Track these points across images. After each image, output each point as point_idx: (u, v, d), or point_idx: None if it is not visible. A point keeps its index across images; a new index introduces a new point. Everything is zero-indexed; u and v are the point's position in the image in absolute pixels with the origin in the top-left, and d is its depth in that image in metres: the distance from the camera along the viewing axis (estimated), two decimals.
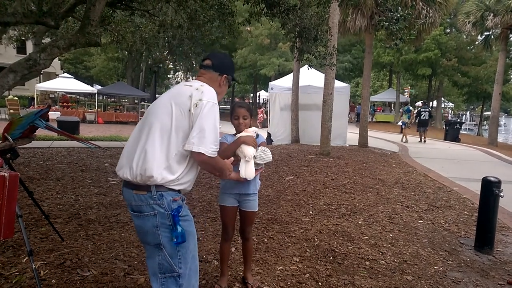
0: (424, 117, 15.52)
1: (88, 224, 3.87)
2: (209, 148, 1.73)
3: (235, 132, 2.57)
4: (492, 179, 3.81)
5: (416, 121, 16.30)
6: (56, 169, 6.36)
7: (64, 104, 20.58)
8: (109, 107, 23.68)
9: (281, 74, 23.88)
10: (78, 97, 26.83)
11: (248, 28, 24.51)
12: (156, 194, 1.74)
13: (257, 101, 44.06)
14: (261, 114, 21.13)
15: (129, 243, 3.44)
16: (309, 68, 10.11)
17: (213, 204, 4.85)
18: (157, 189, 1.75)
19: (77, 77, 28.88)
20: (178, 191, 1.83)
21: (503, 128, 44.46)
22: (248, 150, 2.29)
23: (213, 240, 3.63)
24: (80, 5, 5.37)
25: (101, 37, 5.01)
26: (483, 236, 3.82)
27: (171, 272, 1.77)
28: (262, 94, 41.63)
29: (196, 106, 1.75)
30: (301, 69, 12.54)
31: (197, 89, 1.81)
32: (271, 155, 2.41)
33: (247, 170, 2.26)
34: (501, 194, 3.77)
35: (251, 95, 49.24)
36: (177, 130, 1.75)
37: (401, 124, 16.72)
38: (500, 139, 23.05)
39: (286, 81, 13.74)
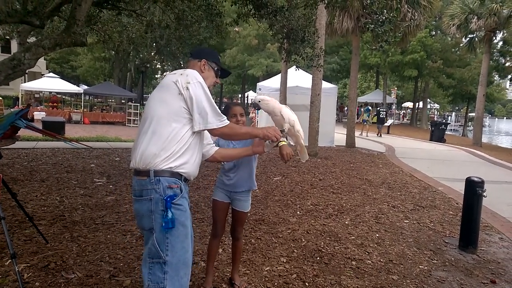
0: (382, 116, 18.89)
1: (73, 226, 3.81)
2: (217, 120, 1.90)
3: None
4: (475, 179, 3.88)
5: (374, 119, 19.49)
6: (41, 170, 6.25)
7: (54, 104, 20.25)
8: (95, 107, 23.35)
9: (269, 74, 23.93)
10: (64, 97, 26.39)
11: (236, 29, 24.51)
12: (154, 179, 1.82)
13: (245, 101, 44.07)
14: (254, 114, 21.19)
15: (114, 245, 3.41)
16: (297, 69, 10.16)
17: (200, 205, 4.83)
18: (155, 174, 1.83)
19: (63, 77, 28.44)
20: (178, 177, 1.87)
21: (487, 129, 45.44)
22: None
23: (200, 241, 3.62)
24: (66, 4, 5.29)
25: (87, 36, 4.95)
26: (467, 236, 3.89)
27: (158, 258, 1.80)
28: (251, 95, 41.65)
29: (187, 89, 1.86)
30: (289, 70, 12.59)
31: (181, 74, 1.92)
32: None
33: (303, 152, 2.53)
34: (484, 194, 3.85)
35: (239, 95, 49.22)
36: (169, 114, 1.86)
37: (362, 121, 19.26)
38: (484, 139, 23.51)
39: (274, 82, 13.78)
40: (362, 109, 23.87)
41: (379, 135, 18.37)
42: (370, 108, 21.26)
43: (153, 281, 1.80)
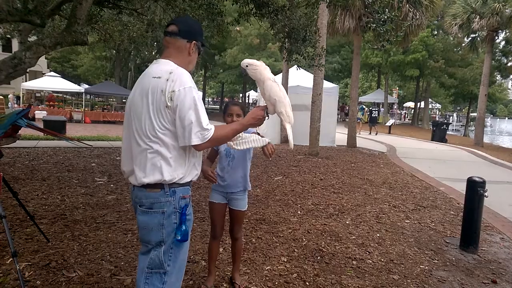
0: (374, 115, 19.63)
1: (74, 225, 3.81)
2: (200, 135, 1.68)
3: None
4: (477, 179, 3.87)
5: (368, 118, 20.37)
6: (42, 169, 6.26)
7: (50, 103, 20.26)
8: (96, 106, 23.40)
9: None
10: (65, 96, 26.44)
11: (237, 28, 24.49)
12: (169, 191, 1.73)
13: (247, 101, 44.07)
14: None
15: (115, 243, 3.41)
16: (298, 69, 10.15)
17: (201, 204, 4.83)
18: (170, 186, 1.74)
19: (64, 76, 28.43)
20: (188, 185, 1.81)
21: (489, 129, 45.31)
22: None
23: (201, 240, 3.62)
24: (67, 3, 5.29)
25: (88, 35, 4.94)
26: (468, 236, 3.88)
27: (159, 269, 1.75)
28: (252, 94, 41.66)
29: (171, 99, 1.67)
30: (290, 70, 12.58)
31: (167, 80, 1.69)
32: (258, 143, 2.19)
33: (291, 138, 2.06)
34: (486, 194, 3.83)
35: (241, 95, 49.18)
36: (160, 129, 1.70)
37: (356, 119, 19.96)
38: (486, 139, 23.45)
39: None
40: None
41: (370, 133, 19.27)
42: (364, 107, 22.54)
43: None
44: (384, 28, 6.91)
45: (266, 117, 1.93)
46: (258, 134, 2.20)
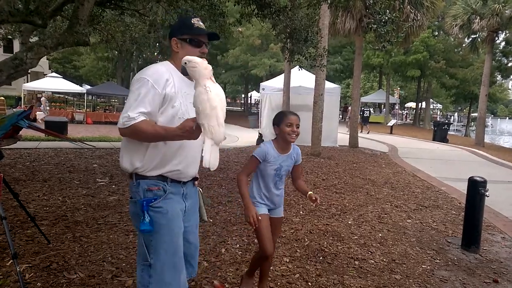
0: (366, 115, 21.21)
1: (76, 226, 3.81)
2: (122, 119, 1.68)
3: (275, 137, 2.48)
4: (478, 179, 3.86)
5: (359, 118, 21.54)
6: (43, 170, 6.26)
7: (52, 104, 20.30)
8: (98, 107, 23.42)
9: (272, 74, 23.92)
10: (66, 97, 26.49)
11: (239, 29, 24.49)
12: (135, 182, 1.83)
13: (249, 101, 44.08)
14: None
15: (117, 245, 3.40)
16: (300, 69, 10.14)
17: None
18: (136, 178, 1.83)
19: (66, 76, 28.48)
20: (160, 179, 1.82)
21: (490, 129, 45.21)
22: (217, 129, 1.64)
23: (203, 241, 3.60)
24: (69, 4, 5.30)
25: (90, 36, 4.95)
26: (470, 235, 3.87)
27: (145, 261, 1.82)
28: (254, 95, 41.66)
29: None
30: (292, 70, 12.57)
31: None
32: None
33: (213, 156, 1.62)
34: (487, 193, 3.83)
35: (243, 95, 49.21)
36: None
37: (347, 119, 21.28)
38: (487, 139, 23.41)
39: (277, 82, 13.76)
40: (349, 108, 26.40)
41: (361, 131, 19.48)
42: (362, 108, 23.39)
43: (141, 283, 1.82)
44: (385, 29, 6.90)
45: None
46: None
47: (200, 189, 2.22)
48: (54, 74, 24.68)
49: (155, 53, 24.22)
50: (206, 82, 1.66)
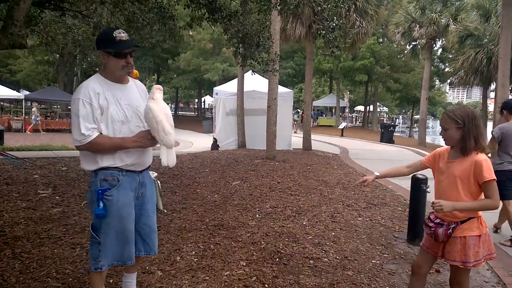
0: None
1: (15, 242, 3.52)
2: (75, 141, 2.07)
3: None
4: (420, 176, 4.05)
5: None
6: None
7: None
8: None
9: (226, 79, 23.91)
10: (2, 103, 24.60)
11: (190, 33, 24.24)
12: (94, 173, 2.17)
13: (202, 106, 43.66)
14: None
15: (62, 259, 3.19)
16: (253, 74, 10.22)
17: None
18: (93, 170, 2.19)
19: (1, 81, 26.50)
20: (115, 170, 2.16)
21: (431, 130, 48.41)
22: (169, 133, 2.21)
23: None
24: (2, 3, 4.93)
25: (27, 38, 4.63)
26: (414, 230, 4.08)
27: (93, 238, 2.19)
28: (207, 99, 41.36)
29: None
30: (245, 75, 12.65)
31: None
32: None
33: (170, 157, 2.26)
34: (428, 190, 4.06)
35: (196, 100, 48.65)
36: None
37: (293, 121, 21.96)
38: (428, 140, 25.05)
39: (231, 86, 13.78)
40: (293, 111, 29.35)
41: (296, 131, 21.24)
42: (299, 110, 26.31)
43: (92, 256, 2.21)
44: (333, 35, 7.15)
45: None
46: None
47: (159, 182, 2.63)
48: None
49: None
50: (149, 103, 2.14)
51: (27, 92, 26.38)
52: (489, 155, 4.55)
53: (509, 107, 4.43)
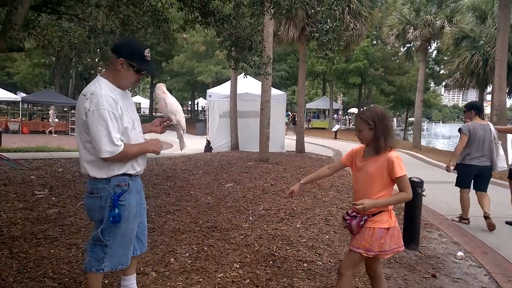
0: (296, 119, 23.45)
1: (12, 242, 3.55)
2: (105, 152, 2.05)
3: None
4: (415, 179, 4.07)
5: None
6: None
7: None
8: (35, 116, 21.93)
9: (219, 81, 23.94)
10: None
11: (184, 35, 24.24)
12: (104, 179, 2.16)
13: (196, 108, 43.61)
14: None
15: (59, 259, 3.22)
16: (245, 77, 10.27)
17: (150, 215, 4.69)
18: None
19: None
20: (126, 175, 2.21)
21: (426, 133, 48.80)
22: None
23: (151, 251, 3.52)
24: (1, 7, 4.94)
25: (25, 41, 4.65)
26: (410, 233, 4.09)
27: (100, 241, 2.19)
28: (201, 102, 41.32)
29: (86, 116, 2.05)
30: (238, 77, 12.69)
31: (87, 98, 2.07)
32: None
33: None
34: (424, 193, 4.11)
35: (189, 102, 48.59)
36: (88, 141, 2.12)
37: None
38: (423, 142, 25.16)
39: (224, 89, 13.81)
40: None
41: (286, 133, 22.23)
42: (289, 113, 26.72)
43: (94, 258, 2.20)
44: (327, 38, 7.21)
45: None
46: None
47: None
48: None
49: (96, 59, 23.20)
50: (165, 97, 2.53)
51: (24, 94, 26.27)
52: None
53: (477, 108, 5.09)
